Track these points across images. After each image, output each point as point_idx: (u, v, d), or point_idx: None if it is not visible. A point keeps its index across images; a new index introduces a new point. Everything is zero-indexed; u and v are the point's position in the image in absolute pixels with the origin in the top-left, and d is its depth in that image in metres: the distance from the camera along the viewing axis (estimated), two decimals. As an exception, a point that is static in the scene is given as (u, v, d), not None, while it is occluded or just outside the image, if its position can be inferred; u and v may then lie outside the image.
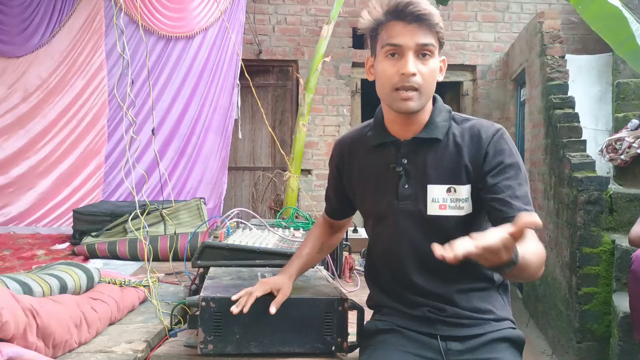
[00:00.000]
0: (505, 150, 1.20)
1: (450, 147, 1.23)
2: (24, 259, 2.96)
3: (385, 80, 1.19)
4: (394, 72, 1.17)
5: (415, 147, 1.24)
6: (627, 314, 2.72)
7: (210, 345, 1.33)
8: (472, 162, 1.21)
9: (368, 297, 1.42)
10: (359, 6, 5.37)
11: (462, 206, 1.21)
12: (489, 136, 1.21)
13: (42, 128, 4.27)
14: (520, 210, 1.12)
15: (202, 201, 3.41)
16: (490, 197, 1.17)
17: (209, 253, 1.85)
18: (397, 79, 1.17)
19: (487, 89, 5.44)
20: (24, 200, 4.21)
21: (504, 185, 1.16)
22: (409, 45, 1.16)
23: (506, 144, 1.21)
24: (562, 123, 3.66)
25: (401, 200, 1.24)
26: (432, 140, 1.23)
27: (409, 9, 1.15)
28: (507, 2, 5.43)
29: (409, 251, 1.26)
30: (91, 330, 1.55)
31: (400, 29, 1.16)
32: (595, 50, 4.70)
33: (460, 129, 1.25)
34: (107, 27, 4.31)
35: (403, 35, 1.16)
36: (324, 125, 5.34)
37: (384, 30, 1.19)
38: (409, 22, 1.15)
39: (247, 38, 5.02)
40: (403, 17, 1.16)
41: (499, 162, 1.19)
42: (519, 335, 1.27)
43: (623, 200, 3.33)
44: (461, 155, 1.21)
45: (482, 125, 1.24)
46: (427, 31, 1.16)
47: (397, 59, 1.17)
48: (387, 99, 1.21)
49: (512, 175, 1.18)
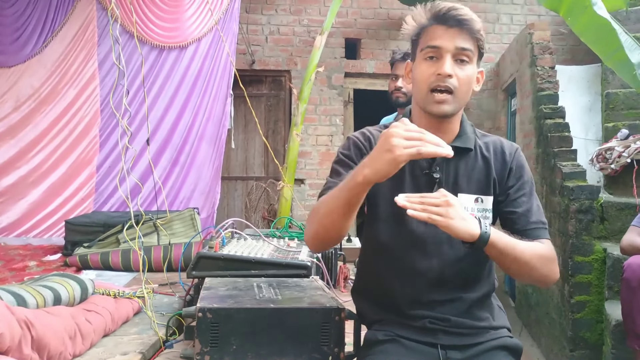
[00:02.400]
0: (524, 167, 1.30)
1: (479, 159, 1.28)
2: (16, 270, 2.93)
3: (421, 82, 1.21)
4: (431, 72, 1.19)
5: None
6: (619, 321, 2.74)
7: (207, 356, 1.32)
8: (499, 175, 1.28)
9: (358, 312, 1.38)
10: (352, 17, 5.41)
11: (488, 216, 1.26)
12: (512, 153, 1.30)
13: (34, 137, 4.25)
14: (535, 222, 1.26)
15: (195, 211, 3.40)
16: (509, 210, 1.27)
17: (204, 263, 1.85)
18: (433, 79, 1.19)
19: (478, 98, 5.48)
20: (14, 210, 4.18)
21: (522, 200, 1.26)
22: (448, 47, 1.18)
23: (525, 162, 1.32)
24: (553, 133, 3.70)
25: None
26: (465, 150, 1.27)
27: (450, 13, 1.18)
28: (498, 14, 5.49)
29: (420, 261, 1.24)
30: (85, 342, 1.53)
31: (441, 32, 1.19)
32: (585, 61, 4.76)
33: (484, 143, 1.31)
34: (100, 36, 4.31)
35: (443, 37, 1.18)
36: (316, 135, 5.35)
37: (425, 34, 1.22)
38: (451, 25, 1.18)
39: (240, 48, 5.03)
40: (445, 21, 1.19)
41: (520, 177, 1.28)
42: (517, 343, 1.28)
43: (614, 209, 3.37)
44: (490, 167, 1.27)
45: (503, 142, 1.33)
46: (467, 36, 1.19)
47: (435, 61, 1.19)
48: (422, 101, 1.23)
49: (527, 191, 1.28)
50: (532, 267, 1.17)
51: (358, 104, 5.51)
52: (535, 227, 1.25)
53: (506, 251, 1.13)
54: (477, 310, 1.27)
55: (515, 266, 1.16)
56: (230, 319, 1.32)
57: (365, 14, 5.42)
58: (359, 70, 5.39)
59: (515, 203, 1.26)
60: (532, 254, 1.17)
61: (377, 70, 5.31)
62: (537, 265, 1.18)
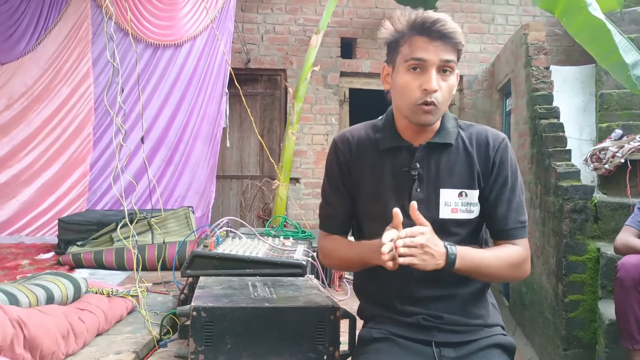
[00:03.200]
0: (510, 161, 1.28)
1: (461, 153, 1.27)
2: (8, 268, 2.91)
3: (406, 94, 1.21)
4: (415, 86, 1.19)
5: (429, 152, 1.26)
6: (613, 321, 2.75)
7: (201, 355, 1.31)
8: (482, 168, 1.27)
9: (359, 308, 1.41)
10: (348, 16, 5.41)
11: (472, 210, 1.26)
12: (496, 145, 1.27)
13: (26, 136, 4.22)
14: (514, 222, 1.26)
15: (190, 210, 3.39)
16: (490, 210, 1.27)
17: (198, 262, 1.84)
18: (419, 94, 1.19)
19: (473, 98, 5.49)
20: (6, 209, 4.15)
21: (503, 198, 1.26)
22: (433, 61, 1.18)
23: (511, 154, 1.29)
24: (548, 133, 3.71)
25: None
26: (445, 145, 1.27)
27: (436, 27, 1.17)
28: (493, 14, 5.51)
29: None
30: (79, 341, 1.52)
31: (424, 44, 1.18)
32: (579, 61, 4.78)
33: (468, 134, 1.29)
34: (94, 34, 4.28)
35: (428, 51, 1.18)
36: (312, 134, 5.35)
37: (407, 44, 1.20)
38: (434, 38, 1.17)
39: (236, 47, 5.02)
40: (429, 34, 1.18)
41: (503, 172, 1.27)
42: (511, 341, 1.28)
43: (607, 208, 3.38)
44: (472, 161, 1.27)
45: (489, 132, 1.30)
46: (450, 48, 1.18)
47: (419, 74, 1.19)
48: (407, 112, 1.23)
49: (510, 187, 1.27)
50: (501, 277, 1.26)
51: (353, 104, 5.51)
52: (512, 228, 1.26)
53: (472, 270, 1.20)
54: (471, 307, 1.27)
55: (486, 278, 1.27)
56: (225, 318, 1.32)
57: (361, 14, 5.42)
58: (355, 69, 5.39)
59: (496, 202, 1.26)
60: (500, 265, 1.23)
61: (372, 69, 5.32)
62: (507, 274, 1.26)
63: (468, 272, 1.19)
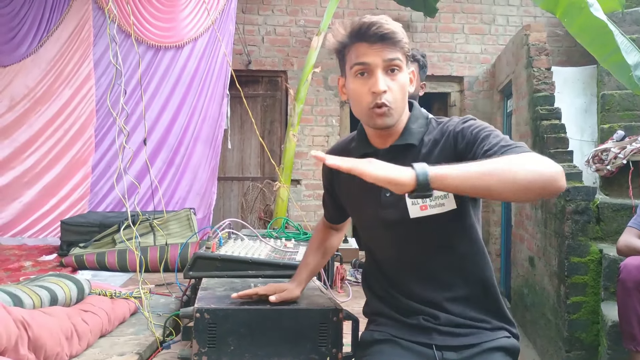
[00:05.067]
0: (471, 125, 1.19)
1: (424, 151, 1.23)
2: (11, 270, 2.92)
3: (358, 100, 1.21)
4: (365, 91, 1.19)
5: (393, 156, 1.23)
6: (615, 322, 2.75)
7: (204, 357, 1.31)
8: (447, 151, 1.19)
9: (365, 304, 1.42)
10: (349, 18, 5.40)
11: (442, 202, 1.20)
12: (455, 123, 1.22)
13: (28, 137, 4.23)
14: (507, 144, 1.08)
15: (192, 212, 3.39)
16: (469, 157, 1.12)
17: (201, 264, 1.84)
18: (370, 98, 1.19)
19: (474, 99, 5.49)
20: (9, 210, 4.16)
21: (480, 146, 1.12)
22: (377, 62, 1.18)
23: (471, 121, 1.20)
24: (549, 134, 3.71)
25: (384, 208, 1.25)
26: (408, 146, 1.25)
27: (372, 30, 1.17)
28: (494, 15, 5.51)
29: (400, 257, 1.27)
30: (82, 342, 1.52)
31: (365, 49, 1.18)
32: (580, 62, 4.78)
33: (437, 131, 1.25)
34: (96, 36, 4.29)
35: (369, 54, 1.18)
36: (313, 135, 5.35)
37: (351, 52, 1.21)
38: (374, 42, 1.17)
39: (236, 48, 5.03)
40: (367, 38, 1.18)
41: (466, 134, 1.17)
42: (514, 344, 1.27)
43: (609, 210, 3.38)
44: (432, 154, 1.21)
45: (452, 119, 1.25)
46: (392, 47, 1.18)
47: (367, 78, 1.19)
48: (363, 118, 1.24)
49: (484, 135, 1.14)
50: (516, 172, 0.98)
51: (354, 105, 5.51)
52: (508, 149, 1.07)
53: (466, 174, 0.98)
54: (472, 311, 1.26)
55: (494, 182, 0.98)
56: (228, 319, 1.32)
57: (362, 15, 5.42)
58: (356, 71, 5.40)
59: (474, 153, 1.13)
60: (504, 160, 1.01)
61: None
62: (522, 169, 0.98)
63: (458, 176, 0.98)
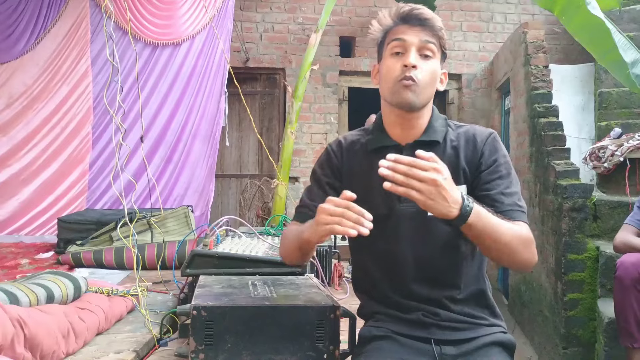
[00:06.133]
0: (499, 151, 1.27)
1: (448, 151, 1.28)
2: (8, 268, 2.91)
3: (388, 75, 1.26)
4: (397, 66, 1.24)
5: (416, 151, 1.25)
6: (612, 319, 2.76)
7: (201, 354, 1.31)
8: (469, 163, 1.27)
9: (359, 306, 1.41)
10: (347, 15, 5.41)
11: None
12: (484, 138, 1.28)
13: (26, 135, 4.22)
14: (511, 204, 1.21)
15: (189, 209, 3.39)
16: (482, 194, 1.23)
17: (198, 261, 1.84)
18: (399, 71, 1.24)
19: (472, 97, 5.50)
20: (6, 208, 4.15)
21: (496, 183, 1.24)
22: (413, 40, 1.24)
23: (499, 145, 1.29)
24: (547, 131, 3.72)
25: (403, 202, 1.25)
26: (433, 143, 1.28)
27: (413, 13, 1.25)
28: (492, 13, 5.51)
29: (407, 253, 1.27)
30: (79, 340, 1.52)
31: (405, 29, 1.26)
32: (578, 60, 4.78)
33: (456, 134, 1.31)
34: (93, 33, 4.28)
35: (407, 33, 1.25)
36: (311, 133, 5.35)
37: (391, 32, 1.28)
38: (414, 25, 1.25)
39: (235, 46, 5.02)
40: (407, 21, 1.26)
41: (493, 161, 1.26)
42: (511, 339, 1.29)
43: (606, 207, 3.38)
44: (459, 158, 1.27)
45: (476, 129, 1.32)
46: (429, 32, 1.25)
47: (401, 56, 1.25)
48: (389, 93, 1.26)
49: (504, 174, 1.25)
50: (513, 250, 1.14)
51: (352, 102, 5.51)
52: (510, 210, 1.20)
53: (485, 232, 1.10)
54: (471, 308, 1.27)
55: (495, 247, 1.13)
56: (225, 316, 1.32)
57: (359, 12, 5.42)
58: (354, 68, 5.39)
59: (487, 186, 1.23)
60: (513, 235, 1.14)
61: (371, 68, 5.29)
62: (519, 249, 1.15)
63: (480, 231, 1.09)
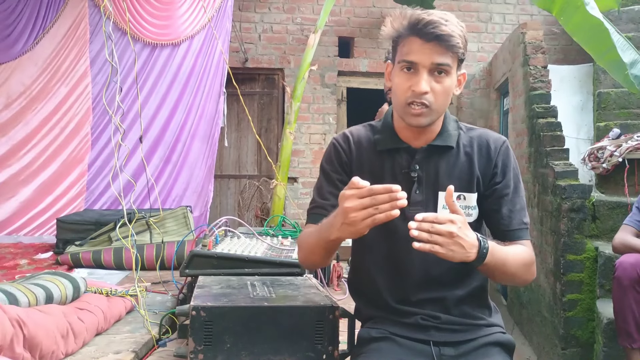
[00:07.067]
0: (511, 163, 1.29)
1: (462, 156, 1.27)
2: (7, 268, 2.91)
3: (398, 93, 1.21)
4: (407, 87, 1.19)
5: (429, 155, 1.26)
6: (611, 320, 2.76)
7: (200, 355, 1.31)
8: (483, 172, 1.27)
9: (356, 309, 1.40)
10: (345, 15, 5.41)
11: (471, 213, 1.26)
12: (498, 147, 1.28)
13: (25, 135, 4.21)
14: (518, 223, 1.26)
15: (188, 209, 3.38)
16: (493, 209, 1.26)
17: (197, 262, 1.84)
18: (410, 94, 1.18)
19: (471, 98, 5.50)
20: (5, 208, 4.14)
21: (506, 199, 1.26)
22: (424, 63, 1.17)
23: (512, 157, 1.30)
24: (545, 132, 3.72)
25: (412, 206, 1.22)
26: (446, 148, 1.27)
27: (428, 28, 1.15)
28: (490, 13, 5.51)
29: (412, 257, 1.24)
30: (78, 340, 1.52)
31: (417, 46, 1.17)
32: (576, 60, 4.79)
33: (468, 138, 1.29)
34: (92, 33, 4.27)
35: (419, 53, 1.17)
36: (309, 133, 5.35)
37: (403, 44, 1.20)
38: (427, 40, 1.16)
39: (233, 46, 5.02)
40: (422, 35, 1.16)
41: (505, 175, 1.27)
42: (510, 339, 1.29)
43: (605, 207, 3.39)
44: (473, 164, 1.27)
45: (489, 135, 1.31)
46: (444, 51, 1.16)
47: (412, 74, 1.18)
48: (400, 111, 1.24)
49: (512, 188, 1.27)
50: (516, 276, 1.22)
51: (351, 103, 5.51)
52: (517, 229, 1.26)
53: (497, 268, 1.15)
54: (470, 309, 1.27)
55: (500, 277, 1.20)
56: (224, 317, 1.32)
57: (358, 13, 5.43)
58: (352, 68, 5.40)
59: (499, 202, 1.26)
60: (517, 263, 1.20)
61: (370, 69, 5.32)
62: (520, 273, 1.22)
63: (493, 268, 1.14)
